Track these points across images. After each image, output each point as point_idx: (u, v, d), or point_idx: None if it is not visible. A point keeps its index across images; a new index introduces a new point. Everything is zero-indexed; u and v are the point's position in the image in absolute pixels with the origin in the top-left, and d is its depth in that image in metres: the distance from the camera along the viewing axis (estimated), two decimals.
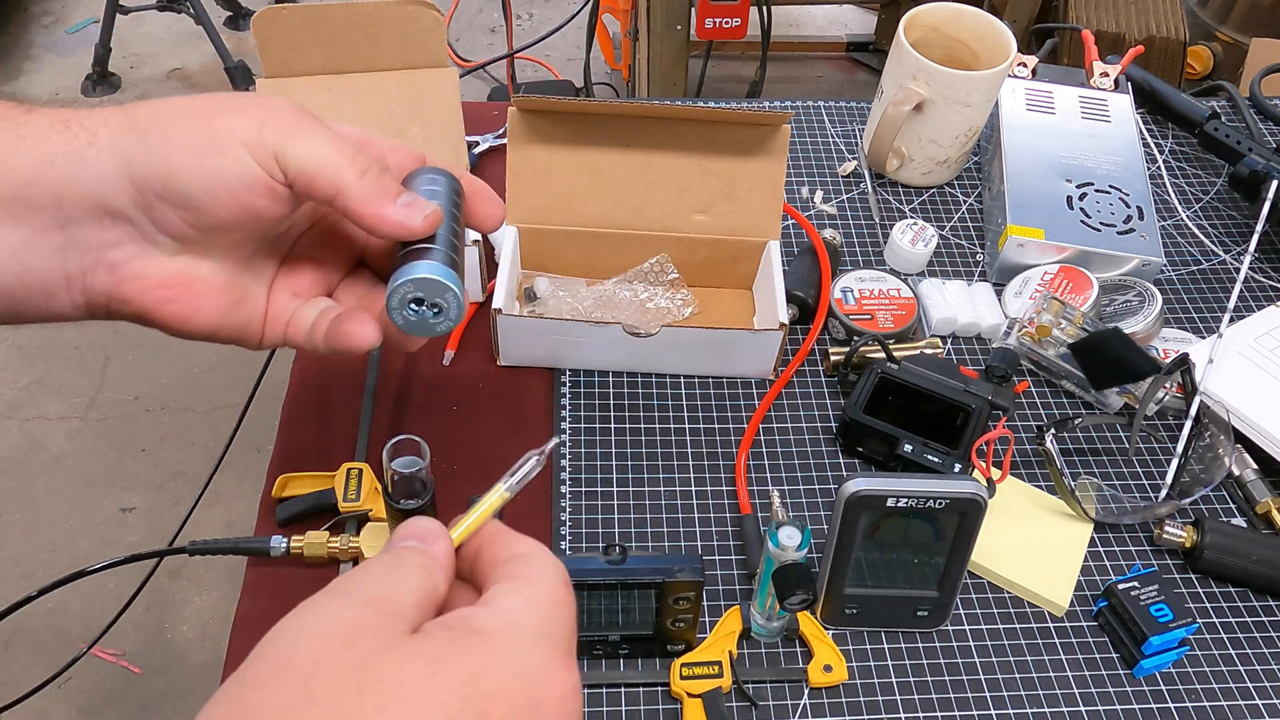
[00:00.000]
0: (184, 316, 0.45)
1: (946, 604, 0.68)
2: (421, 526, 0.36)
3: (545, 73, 2.65)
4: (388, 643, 0.29)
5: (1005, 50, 0.94)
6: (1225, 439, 0.77)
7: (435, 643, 0.30)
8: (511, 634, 0.31)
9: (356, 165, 0.42)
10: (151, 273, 0.43)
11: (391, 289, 0.43)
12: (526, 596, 0.33)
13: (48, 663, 1.59)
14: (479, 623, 0.31)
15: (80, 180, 0.40)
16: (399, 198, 0.43)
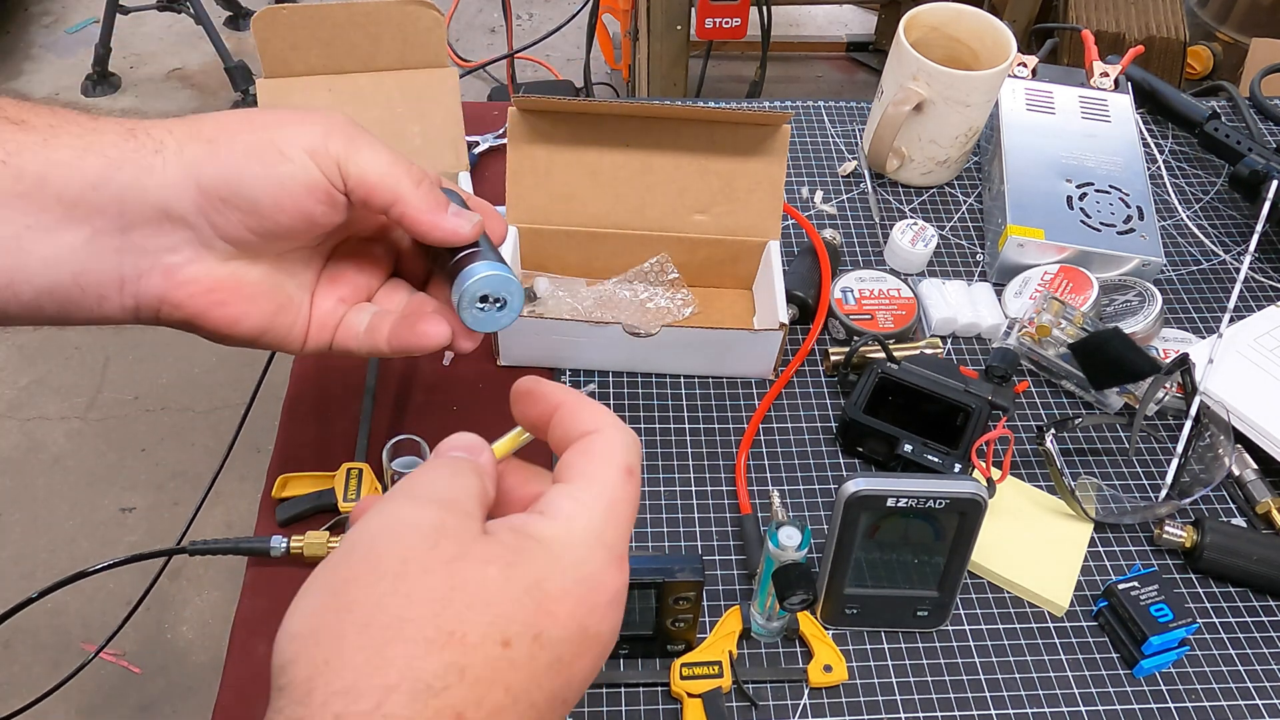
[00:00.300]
0: (233, 319, 0.47)
1: (946, 604, 0.68)
2: (466, 440, 0.38)
3: (545, 73, 2.65)
4: (467, 545, 0.32)
5: (1005, 50, 0.94)
6: (1225, 439, 0.77)
7: (506, 547, 0.33)
8: (567, 541, 0.34)
9: (412, 177, 0.45)
10: (204, 277, 0.45)
11: (462, 290, 0.45)
12: (584, 502, 0.35)
13: (48, 663, 1.60)
14: (537, 529, 0.34)
15: (145, 185, 0.42)
16: (449, 207, 0.46)
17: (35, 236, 0.41)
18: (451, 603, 0.31)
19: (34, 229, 0.41)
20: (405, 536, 0.32)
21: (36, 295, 0.42)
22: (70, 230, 0.42)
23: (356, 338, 0.50)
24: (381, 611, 0.30)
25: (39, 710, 0.85)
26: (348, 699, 0.29)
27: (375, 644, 0.30)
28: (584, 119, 0.81)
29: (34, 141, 0.41)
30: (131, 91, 2.59)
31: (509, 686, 0.31)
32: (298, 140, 0.43)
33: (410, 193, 0.45)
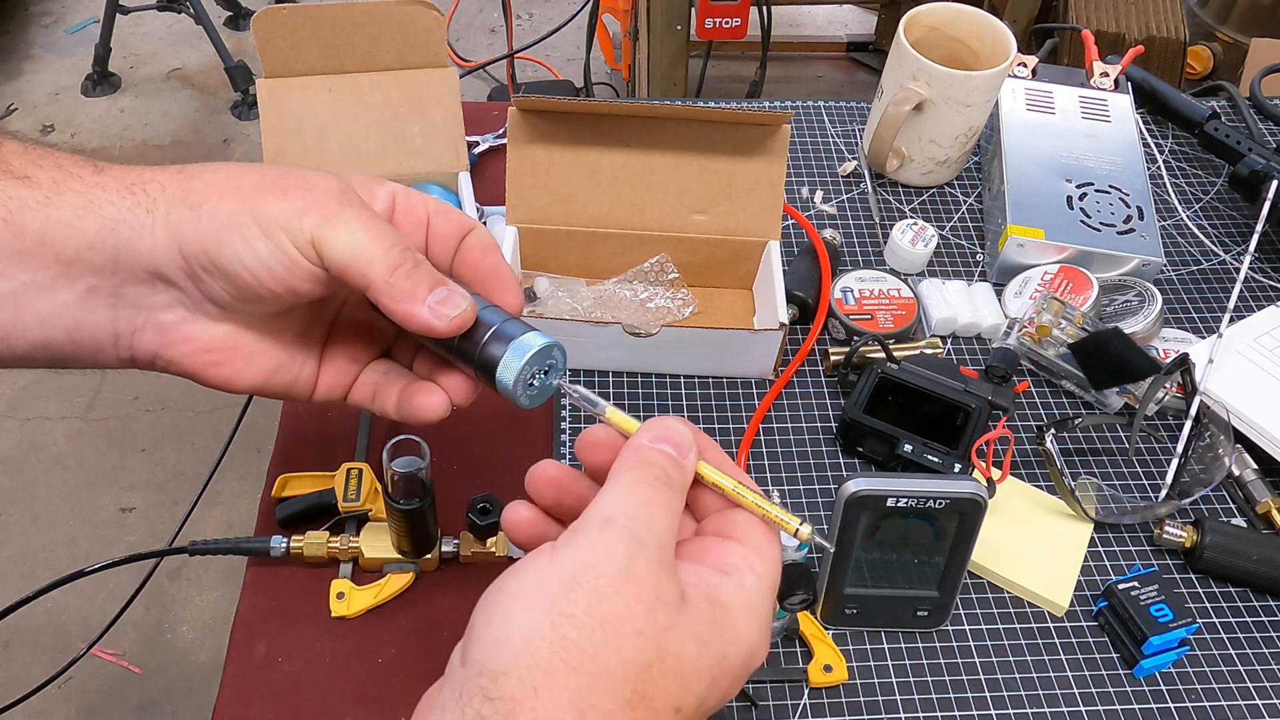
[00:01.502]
0: (228, 378, 0.47)
1: (946, 604, 0.68)
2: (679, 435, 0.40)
3: (545, 73, 2.65)
4: (674, 617, 0.35)
5: (1005, 50, 0.94)
6: (1225, 439, 0.77)
7: (703, 621, 0.36)
8: (750, 617, 0.37)
9: (389, 259, 0.42)
10: (199, 336, 0.45)
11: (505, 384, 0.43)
12: (760, 575, 0.38)
13: (48, 663, 1.60)
14: (726, 597, 0.37)
15: (136, 245, 0.42)
16: (431, 294, 0.43)
17: (32, 294, 0.42)
18: (652, 670, 0.34)
19: (30, 286, 0.42)
20: (628, 591, 0.34)
21: (31, 349, 0.43)
22: (66, 288, 0.42)
23: (370, 400, 0.49)
24: (593, 662, 0.33)
25: (39, 710, 0.85)
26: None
27: (581, 689, 0.33)
28: (584, 119, 0.81)
29: (37, 199, 0.41)
30: (131, 91, 2.59)
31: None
32: (276, 216, 0.41)
33: (381, 279, 0.42)
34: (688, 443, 0.40)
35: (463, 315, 0.43)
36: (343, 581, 0.70)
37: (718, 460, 0.42)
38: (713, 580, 0.38)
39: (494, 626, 0.34)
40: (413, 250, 0.43)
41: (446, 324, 0.43)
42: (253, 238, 0.41)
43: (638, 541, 0.36)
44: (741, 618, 0.37)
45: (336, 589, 0.69)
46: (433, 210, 0.48)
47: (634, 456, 0.39)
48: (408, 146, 0.92)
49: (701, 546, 0.40)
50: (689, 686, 0.35)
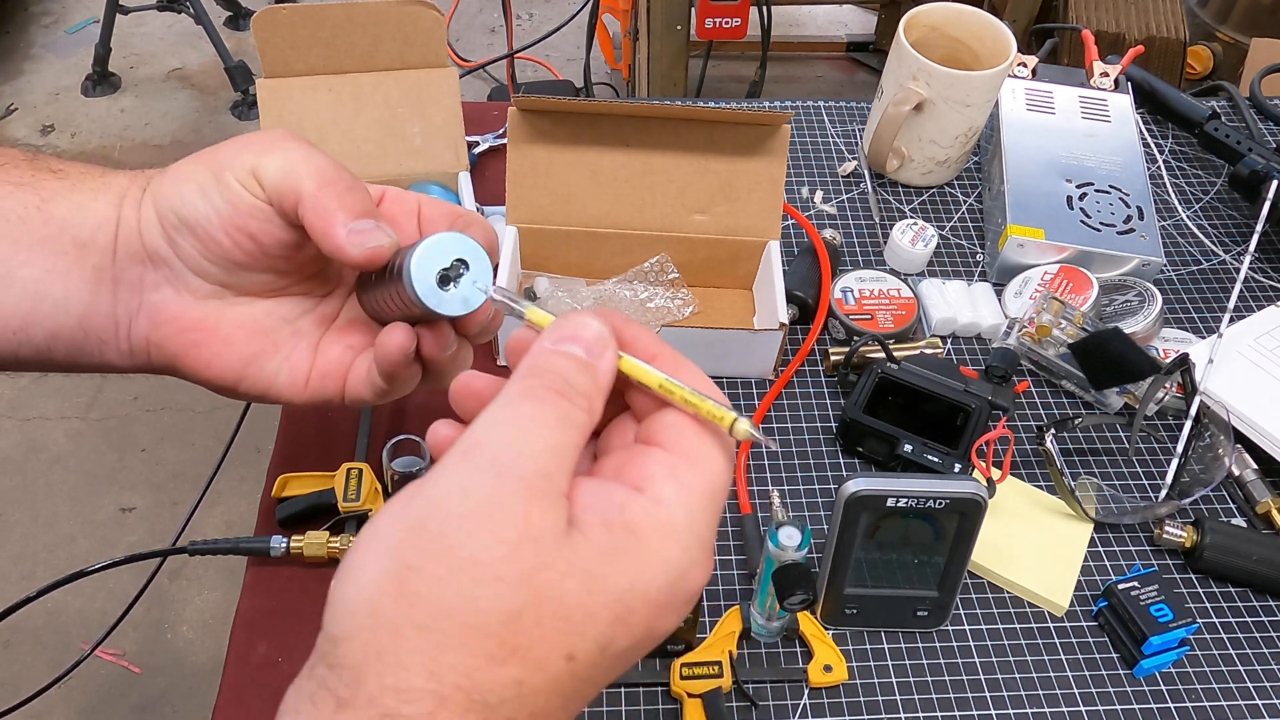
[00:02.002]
0: (205, 361, 0.45)
1: (946, 604, 0.68)
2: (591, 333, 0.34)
3: (545, 73, 2.65)
4: (548, 552, 0.30)
5: (1005, 50, 0.94)
6: (1225, 439, 0.77)
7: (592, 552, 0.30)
8: (666, 538, 0.32)
9: (322, 175, 0.41)
10: (181, 315, 0.45)
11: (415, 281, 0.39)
12: (686, 485, 0.33)
13: (48, 663, 1.60)
14: (635, 518, 0.31)
15: (132, 223, 0.44)
16: (355, 220, 0.40)
17: (51, 280, 0.43)
18: (522, 618, 0.29)
19: (52, 272, 0.43)
20: (484, 529, 0.30)
21: (46, 338, 0.44)
22: (78, 272, 0.44)
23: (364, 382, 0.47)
24: (445, 617, 0.29)
25: (39, 711, 0.85)
26: (398, 699, 0.28)
27: (433, 649, 0.29)
28: (584, 119, 0.81)
29: (65, 187, 0.44)
30: (131, 91, 2.59)
31: (565, 693, 0.30)
32: (224, 159, 0.43)
33: (309, 193, 0.40)
34: (600, 339, 0.34)
35: (379, 249, 0.40)
36: None
37: (652, 353, 0.35)
38: (619, 499, 0.32)
39: (341, 584, 0.31)
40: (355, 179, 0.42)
41: (360, 252, 0.40)
42: (204, 182, 0.42)
43: (498, 470, 0.30)
44: (655, 539, 0.31)
45: None
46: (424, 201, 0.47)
47: (528, 363, 0.33)
48: (408, 146, 0.93)
49: (623, 459, 0.34)
50: (581, 630, 0.30)
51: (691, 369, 0.35)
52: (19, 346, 0.44)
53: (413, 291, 0.39)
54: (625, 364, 0.34)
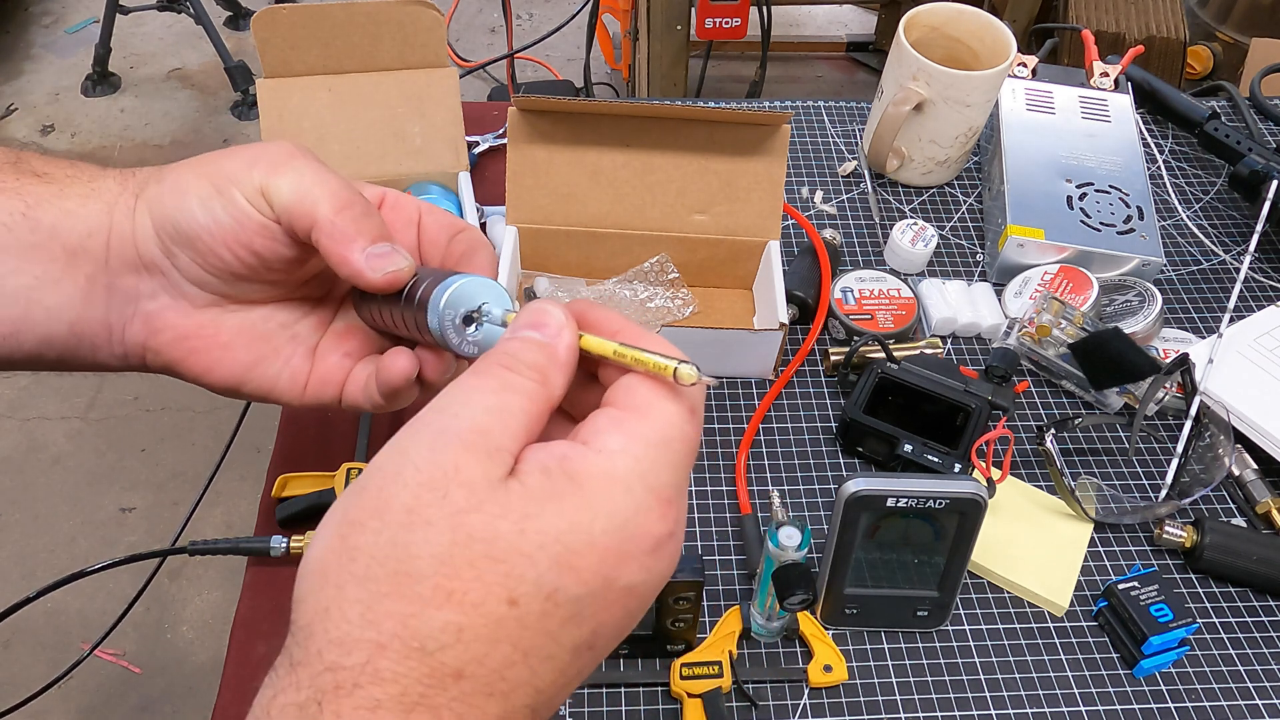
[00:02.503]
0: (206, 367, 0.46)
1: (946, 604, 0.68)
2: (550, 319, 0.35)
3: (545, 73, 2.65)
4: (480, 495, 0.30)
5: (1005, 50, 0.94)
6: (1225, 439, 0.77)
7: (529, 495, 0.31)
8: (606, 483, 0.31)
9: (336, 199, 0.41)
10: (179, 323, 0.45)
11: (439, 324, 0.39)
12: (633, 435, 0.32)
13: (48, 663, 1.60)
14: (576, 466, 0.32)
15: (125, 229, 0.43)
16: (372, 245, 0.41)
17: (43, 287, 0.42)
18: (451, 559, 0.29)
19: (43, 279, 0.42)
20: (415, 482, 0.30)
21: (38, 344, 0.44)
22: (70, 279, 0.43)
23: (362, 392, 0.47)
24: (379, 565, 0.30)
25: (39, 711, 0.85)
26: (340, 651, 0.29)
27: (370, 598, 0.29)
28: (584, 119, 0.81)
29: (51, 192, 0.42)
30: (131, 91, 2.59)
31: (517, 643, 0.30)
32: (228, 172, 0.42)
33: (325, 217, 0.40)
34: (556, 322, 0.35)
35: (398, 272, 0.41)
36: None
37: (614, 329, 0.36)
38: (561, 451, 0.32)
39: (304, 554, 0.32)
40: (367, 202, 0.42)
41: (379, 277, 0.41)
42: (207, 196, 0.42)
43: (435, 431, 0.31)
44: (596, 484, 0.31)
45: None
46: (424, 209, 0.47)
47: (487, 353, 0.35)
48: (408, 146, 0.93)
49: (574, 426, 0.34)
50: (519, 573, 0.30)
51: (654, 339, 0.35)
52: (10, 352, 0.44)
53: (440, 336, 0.40)
54: (585, 341, 0.35)
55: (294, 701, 0.29)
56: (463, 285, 0.39)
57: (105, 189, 0.43)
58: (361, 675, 0.29)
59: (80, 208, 0.43)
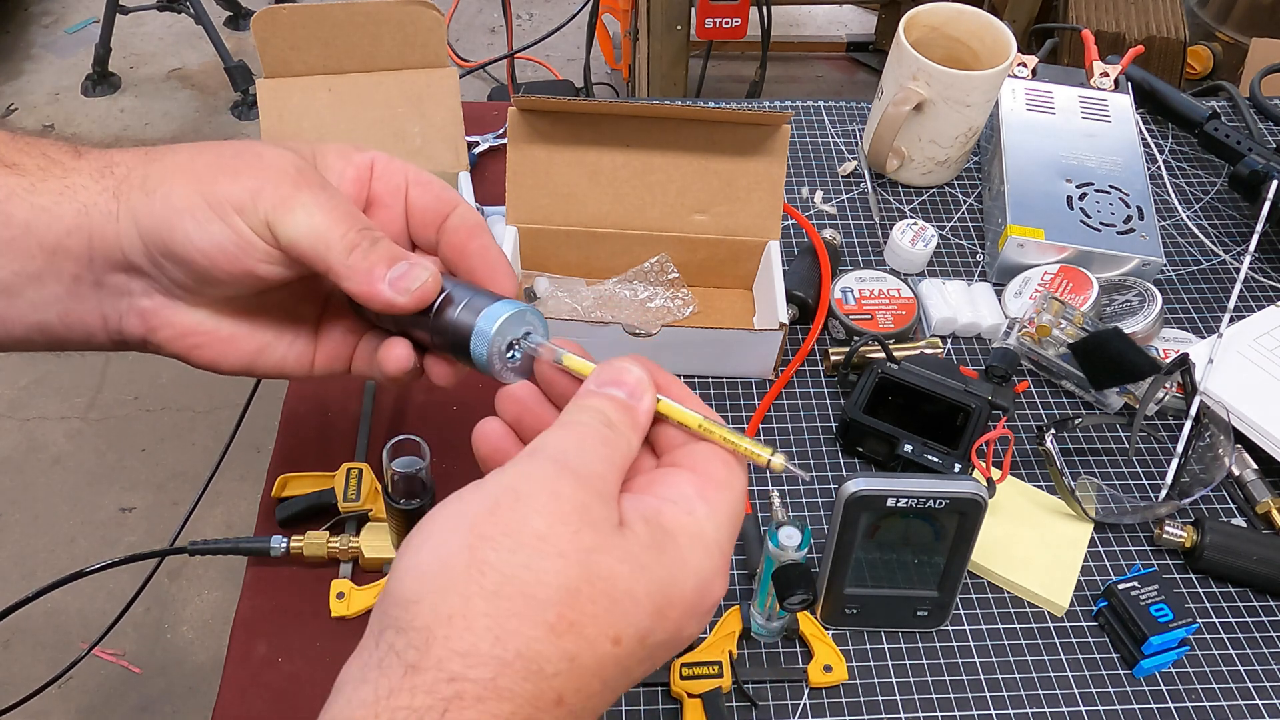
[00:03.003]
0: (213, 359, 0.46)
1: (946, 604, 0.68)
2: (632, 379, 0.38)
3: (545, 73, 2.65)
4: (605, 537, 0.33)
5: (1005, 50, 0.94)
6: (1225, 439, 0.77)
7: (641, 544, 0.34)
8: (696, 544, 0.35)
9: (345, 241, 0.41)
10: (177, 321, 0.44)
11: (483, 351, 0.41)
12: (715, 505, 0.36)
13: (48, 663, 1.60)
14: (670, 523, 0.35)
15: (106, 232, 0.42)
16: (390, 270, 0.42)
17: (23, 282, 0.42)
18: (579, 594, 0.31)
19: (21, 275, 0.42)
20: (550, 510, 0.32)
21: (27, 332, 0.43)
22: (53, 278, 0.42)
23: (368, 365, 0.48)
24: (512, 585, 0.31)
25: (39, 710, 0.85)
26: (465, 662, 0.30)
27: (501, 615, 0.31)
28: (584, 119, 0.81)
29: (24, 186, 0.41)
30: (131, 91, 2.59)
31: (606, 678, 0.32)
32: (229, 197, 0.40)
33: (339, 262, 0.41)
34: (641, 384, 0.37)
35: (424, 287, 0.42)
36: (343, 581, 0.70)
37: (681, 396, 0.39)
38: (655, 505, 0.35)
39: (409, 555, 0.33)
40: (370, 228, 0.42)
41: (408, 299, 0.42)
42: (205, 220, 0.40)
43: (561, 464, 0.34)
44: (687, 543, 0.35)
45: (336, 589, 0.69)
46: (411, 179, 0.46)
47: (575, 403, 0.37)
48: (408, 146, 0.93)
49: (653, 479, 0.37)
50: (627, 614, 0.32)
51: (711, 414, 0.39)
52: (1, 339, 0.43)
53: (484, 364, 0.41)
54: (664, 406, 0.38)
55: (410, 705, 0.30)
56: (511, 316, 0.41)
57: (80, 187, 0.42)
58: (485, 690, 0.30)
59: (55, 205, 0.41)
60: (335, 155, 0.46)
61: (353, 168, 0.46)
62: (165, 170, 0.42)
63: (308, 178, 0.42)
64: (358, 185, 0.46)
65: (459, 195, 0.47)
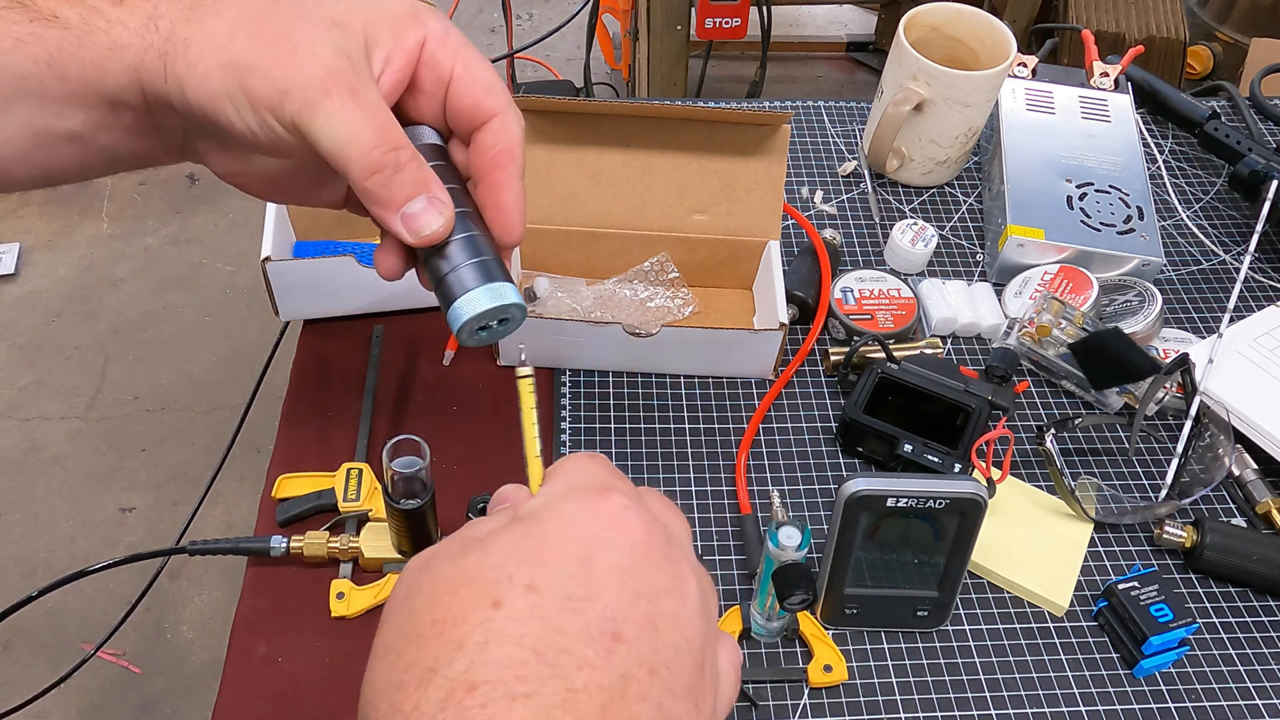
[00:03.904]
0: (260, 193, 0.48)
1: (946, 604, 0.68)
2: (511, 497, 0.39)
3: (545, 73, 2.65)
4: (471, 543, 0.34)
5: (1005, 50, 0.94)
6: (1225, 439, 0.77)
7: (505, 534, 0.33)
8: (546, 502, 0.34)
9: (366, 162, 0.41)
10: (226, 162, 0.46)
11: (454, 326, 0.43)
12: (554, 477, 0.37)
13: (48, 663, 1.60)
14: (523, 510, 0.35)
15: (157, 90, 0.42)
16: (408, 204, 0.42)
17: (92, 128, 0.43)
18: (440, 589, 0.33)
19: (89, 124, 0.43)
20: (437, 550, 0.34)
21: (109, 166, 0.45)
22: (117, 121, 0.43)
23: None
24: None
25: (39, 710, 0.85)
26: None
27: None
28: (584, 119, 0.81)
29: (71, 42, 0.41)
30: None
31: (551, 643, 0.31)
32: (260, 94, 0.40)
33: (358, 181, 0.41)
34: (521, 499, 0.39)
35: (434, 233, 0.42)
36: (343, 581, 0.70)
37: None
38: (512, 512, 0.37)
39: None
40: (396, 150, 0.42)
41: (416, 239, 0.42)
42: (242, 108, 0.41)
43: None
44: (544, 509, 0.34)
45: (336, 589, 0.69)
46: (458, 73, 0.45)
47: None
48: None
49: None
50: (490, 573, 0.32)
51: None
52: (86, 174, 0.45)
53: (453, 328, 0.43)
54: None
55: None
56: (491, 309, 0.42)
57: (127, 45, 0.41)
58: None
59: (105, 61, 0.41)
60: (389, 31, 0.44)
61: (402, 50, 0.44)
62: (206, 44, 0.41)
63: (338, 79, 0.41)
64: (403, 70, 0.44)
65: (504, 101, 0.45)
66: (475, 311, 0.42)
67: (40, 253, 2.17)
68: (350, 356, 0.84)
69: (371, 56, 0.43)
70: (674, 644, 0.31)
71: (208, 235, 2.21)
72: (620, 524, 0.33)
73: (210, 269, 2.15)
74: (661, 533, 0.34)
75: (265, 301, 0.83)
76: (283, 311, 0.84)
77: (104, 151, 0.44)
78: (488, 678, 0.29)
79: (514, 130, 0.45)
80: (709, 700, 0.32)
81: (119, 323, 2.03)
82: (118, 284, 2.11)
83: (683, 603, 0.32)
